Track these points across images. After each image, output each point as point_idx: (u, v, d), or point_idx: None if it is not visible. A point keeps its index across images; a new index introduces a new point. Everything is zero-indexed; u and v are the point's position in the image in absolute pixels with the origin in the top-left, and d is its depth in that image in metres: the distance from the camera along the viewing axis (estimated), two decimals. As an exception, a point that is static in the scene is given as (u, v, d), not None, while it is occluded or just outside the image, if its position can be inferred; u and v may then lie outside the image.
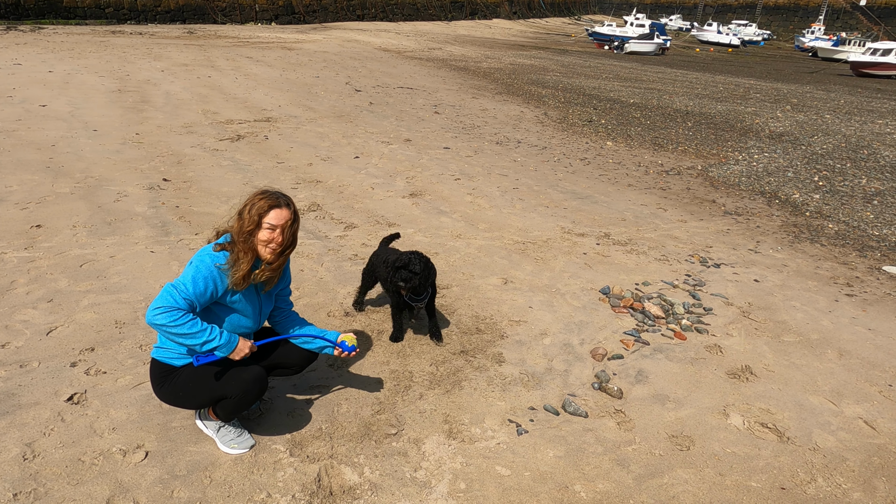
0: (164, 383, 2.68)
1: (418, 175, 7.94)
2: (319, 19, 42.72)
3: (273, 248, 2.61)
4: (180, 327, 2.41)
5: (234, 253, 2.57)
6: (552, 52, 35.11)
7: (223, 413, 2.71)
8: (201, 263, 2.53)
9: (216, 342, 2.50)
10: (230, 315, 2.66)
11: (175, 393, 2.68)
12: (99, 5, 31.34)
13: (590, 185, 8.22)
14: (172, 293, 2.42)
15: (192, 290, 2.46)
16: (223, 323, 2.65)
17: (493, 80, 19.80)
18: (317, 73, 17.77)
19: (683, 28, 67.67)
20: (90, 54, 18.19)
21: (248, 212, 2.57)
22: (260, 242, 2.59)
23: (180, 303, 2.42)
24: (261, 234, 2.58)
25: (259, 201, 2.58)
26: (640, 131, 12.76)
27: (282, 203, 2.62)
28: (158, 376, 2.69)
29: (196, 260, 2.55)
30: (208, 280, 2.51)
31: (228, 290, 2.60)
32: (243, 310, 2.70)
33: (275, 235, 2.59)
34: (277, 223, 2.58)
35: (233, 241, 2.60)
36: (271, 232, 2.58)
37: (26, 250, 4.84)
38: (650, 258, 5.65)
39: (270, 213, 2.57)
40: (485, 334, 4.04)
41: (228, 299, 2.63)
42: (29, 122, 9.26)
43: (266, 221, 2.56)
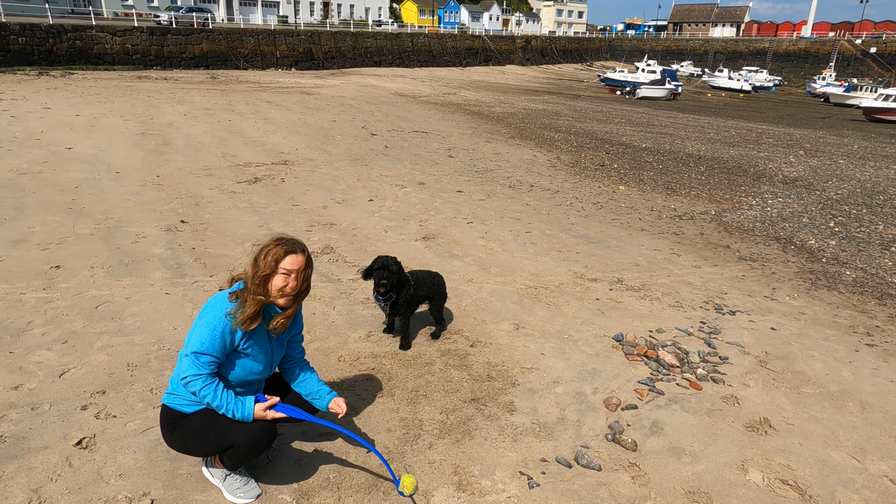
0: (174, 430, 2.67)
1: (431, 218, 8.01)
2: (338, 65, 44.00)
3: (287, 293, 2.63)
4: (200, 390, 2.53)
5: (243, 297, 2.61)
6: (565, 97, 35.72)
7: (230, 462, 2.69)
8: (213, 317, 2.57)
9: (235, 413, 2.58)
10: (242, 360, 2.68)
11: (184, 440, 2.67)
12: (127, 52, 32.59)
13: (602, 230, 8.23)
14: (196, 359, 2.52)
15: (209, 347, 2.53)
16: (235, 368, 2.66)
17: (507, 125, 20.12)
18: (334, 117, 18.19)
19: (694, 74, 68.67)
20: (116, 98, 18.82)
21: (263, 258, 2.60)
22: (275, 288, 2.61)
23: (206, 368, 2.53)
24: (276, 280, 2.60)
25: (275, 247, 2.61)
26: (653, 175, 12.82)
27: (297, 249, 2.65)
28: (168, 423, 2.68)
29: (207, 314, 2.59)
30: (226, 333, 2.57)
31: (242, 337, 2.62)
32: (255, 356, 2.71)
33: (289, 280, 2.62)
34: (293, 268, 2.61)
35: (245, 288, 2.63)
36: (286, 277, 2.61)
37: (44, 291, 4.91)
38: (664, 304, 5.59)
39: (286, 258, 2.60)
40: (496, 381, 3.99)
41: (241, 346, 2.65)
42: (54, 164, 9.54)
43: (282, 267, 2.59)
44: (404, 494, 2.72)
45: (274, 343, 2.81)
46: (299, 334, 2.99)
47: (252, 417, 2.60)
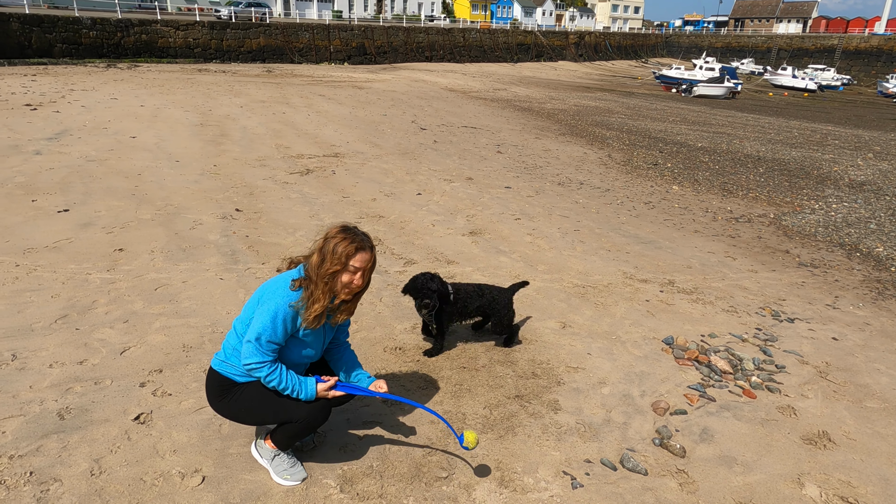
0: (224, 397, 2.73)
1: (479, 214, 7.99)
2: (389, 60, 44.39)
3: (353, 289, 2.63)
4: (267, 377, 2.57)
5: (308, 290, 2.58)
6: (617, 94, 34.99)
7: (282, 439, 2.76)
8: (276, 305, 2.56)
9: (300, 395, 2.64)
10: (298, 345, 2.71)
11: (236, 410, 2.74)
12: (188, 45, 33.78)
13: (654, 230, 8.02)
14: (258, 345, 2.53)
15: (272, 335, 2.55)
16: (290, 351, 2.69)
17: (557, 121, 19.87)
18: (384, 111, 18.37)
19: (756, 72, 65.99)
20: (178, 90, 19.53)
21: (332, 251, 2.55)
22: (340, 284, 2.60)
23: (267, 356, 2.56)
24: (343, 277, 2.58)
25: (344, 242, 2.56)
26: (709, 176, 12.41)
27: (366, 246, 2.62)
28: (217, 388, 2.74)
29: (270, 300, 2.58)
30: (287, 321, 2.57)
31: (301, 327, 2.65)
32: (312, 342, 2.75)
33: (355, 278, 2.60)
34: (361, 266, 2.59)
35: (308, 278, 2.60)
36: (352, 275, 2.59)
37: (108, 272, 5.15)
38: (717, 309, 5.41)
39: (357, 255, 2.57)
40: (541, 379, 3.95)
41: (301, 333, 2.68)
42: (120, 152, 9.98)
43: (351, 264, 2.57)
44: (469, 448, 2.83)
45: (327, 328, 2.84)
46: (348, 320, 3.01)
47: (315, 396, 2.65)
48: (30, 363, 3.65)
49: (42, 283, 4.84)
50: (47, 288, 4.74)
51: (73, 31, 28.76)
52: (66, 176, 8.21)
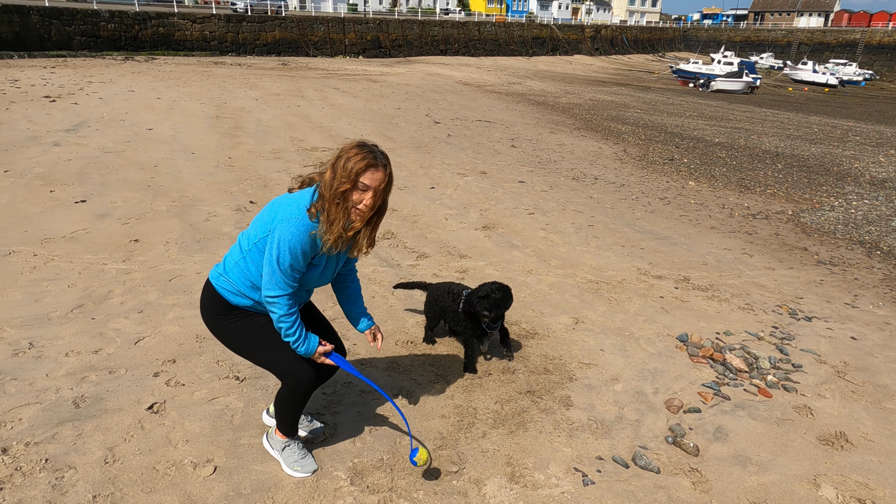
0: (218, 319, 2.65)
1: (492, 208, 7.96)
2: (404, 53, 44.31)
3: (361, 209, 2.41)
4: (282, 315, 2.48)
5: (325, 213, 2.40)
6: (633, 88, 34.64)
7: (282, 419, 2.78)
8: (296, 233, 2.38)
9: (299, 347, 2.56)
10: (312, 270, 2.55)
11: (226, 335, 2.68)
12: (205, 38, 33.97)
13: (669, 226, 7.94)
14: (282, 274, 2.41)
15: (293, 262, 2.41)
16: (304, 278, 2.56)
17: (572, 116, 19.72)
18: (398, 104, 18.35)
19: (775, 66, 64.94)
20: (194, 83, 19.66)
21: (342, 166, 2.36)
22: (349, 202, 2.40)
23: (289, 288, 2.46)
24: (353, 195, 2.39)
25: (355, 157, 2.36)
26: (725, 172, 12.26)
27: (379, 163, 2.39)
28: (212, 306, 2.65)
29: (289, 227, 2.38)
30: (307, 249, 2.43)
31: (320, 252, 2.50)
32: (324, 267, 2.59)
33: (364, 197, 2.39)
34: (371, 185, 2.38)
35: (322, 198, 2.41)
36: (362, 193, 2.39)
37: (124, 262, 5.20)
38: (733, 306, 5.34)
39: (367, 173, 2.36)
40: (553, 375, 3.92)
41: (315, 260, 2.54)
42: (136, 143, 10.07)
43: (361, 181, 2.36)
44: (417, 465, 2.70)
45: (342, 255, 2.68)
46: None
47: (313, 354, 2.59)
48: (46, 352, 3.69)
49: (59, 272, 4.90)
50: (64, 278, 4.80)
51: (91, 24, 29.04)
52: (83, 167, 8.30)
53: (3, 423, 3.01)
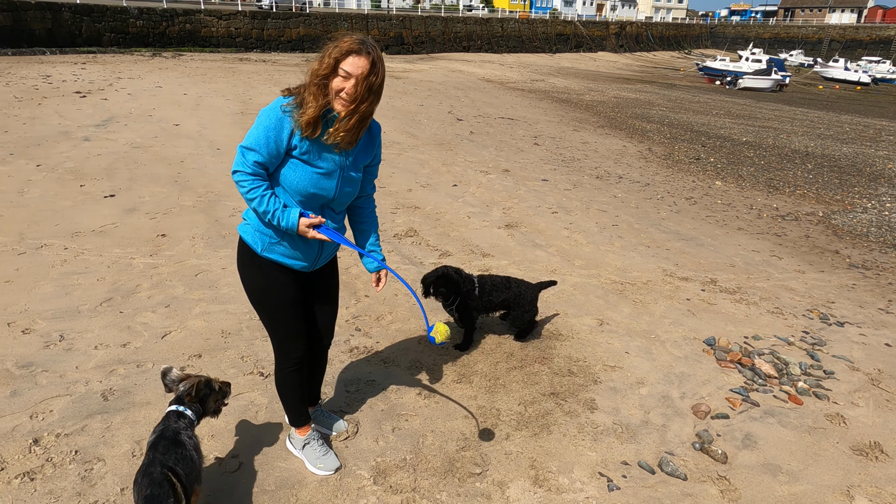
0: (247, 268, 2.59)
1: (515, 206, 7.90)
2: (427, 50, 44.28)
3: (343, 98, 2.28)
4: (247, 192, 2.33)
5: (300, 95, 2.32)
6: (659, 86, 34.17)
7: (281, 400, 2.88)
8: (266, 110, 2.34)
9: (281, 223, 2.37)
10: (303, 167, 2.38)
11: (249, 289, 2.64)
12: (230, 35, 34.32)
13: (695, 227, 7.81)
14: (242, 155, 2.32)
15: (256, 143, 2.29)
16: (296, 173, 2.38)
17: (596, 113, 19.51)
18: (421, 101, 18.34)
19: (805, 64, 63.50)
20: (219, 79, 19.87)
21: (328, 54, 2.28)
22: (332, 90, 2.29)
23: (249, 167, 2.30)
24: (334, 82, 2.28)
25: (343, 43, 2.27)
26: (753, 172, 12.01)
27: (363, 50, 2.26)
28: (241, 255, 2.61)
29: (261, 115, 2.35)
30: (276, 127, 2.30)
31: (299, 139, 2.33)
32: (320, 165, 2.40)
33: (347, 85, 2.26)
34: (353, 72, 2.24)
35: (305, 84, 2.34)
36: (344, 80, 2.26)
37: (151, 257, 5.27)
38: (762, 310, 5.23)
39: (347, 59, 2.25)
40: (577, 377, 3.88)
41: (299, 149, 2.35)
42: (164, 139, 10.21)
43: (341, 68, 2.25)
44: (435, 341, 2.63)
45: (344, 160, 2.46)
46: (375, 165, 2.68)
47: (296, 228, 2.37)
48: (76, 344, 3.76)
49: (89, 266, 4.98)
50: (93, 271, 4.88)
51: (120, 21, 29.51)
52: (112, 162, 8.44)
53: (35, 413, 3.07)
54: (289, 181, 2.39)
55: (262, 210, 2.35)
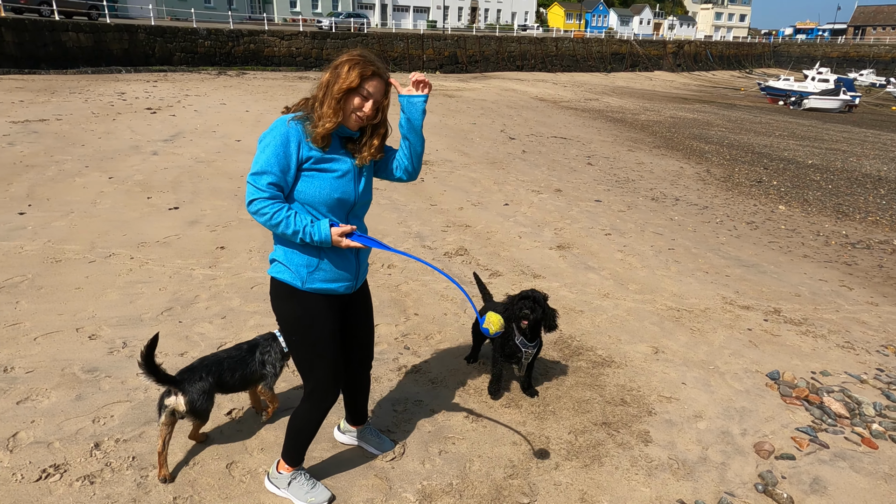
0: (286, 304, 2.48)
1: (567, 227, 7.79)
2: (480, 69, 44.64)
3: (360, 116, 2.34)
4: (271, 218, 2.24)
5: (317, 105, 2.32)
6: (718, 105, 33.25)
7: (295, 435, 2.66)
8: (269, 132, 2.30)
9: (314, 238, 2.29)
10: (321, 176, 2.33)
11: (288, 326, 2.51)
12: (291, 54, 35.58)
13: (757, 253, 7.48)
14: (254, 184, 2.25)
15: (266, 164, 2.24)
16: (315, 184, 2.32)
17: (651, 133, 19.13)
18: (473, 120, 18.44)
19: (877, 84, 60.52)
20: (280, 97, 20.57)
21: (347, 70, 2.28)
22: (350, 107, 2.31)
23: (265, 191, 2.23)
24: (355, 100, 2.31)
25: (362, 62, 2.30)
26: (820, 196, 11.47)
27: (384, 75, 2.35)
28: (280, 293, 2.48)
29: (265, 136, 2.31)
30: (283, 143, 2.26)
31: (308, 150, 2.30)
32: (337, 171, 2.37)
33: (367, 105, 2.32)
34: (374, 94, 2.32)
35: (316, 97, 2.35)
36: (363, 101, 2.31)
37: (210, 268, 5.44)
38: (830, 343, 4.93)
39: (373, 80, 2.31)
40: (630, 407, 3.74)
41: (314, 160, 2.32)
42: (226, 154, 10.61)
43: (366, 87, 2.30)
44: (489, 333, 2.54)
45: (361, 171, 2.46)
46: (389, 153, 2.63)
47: (330, 240, 2.30)
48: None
49: (152, 275, 5.19)
50: (156, 281, 5.08)
51: (190, 41, 31.07)
52: (177, 176, 8.82)
53: (97, 418, 3.18)
54: (309, 194, 2.33)
55: (291, 231, 2.26)
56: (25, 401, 3.28)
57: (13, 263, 5.16)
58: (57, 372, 3.58)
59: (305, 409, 2.62)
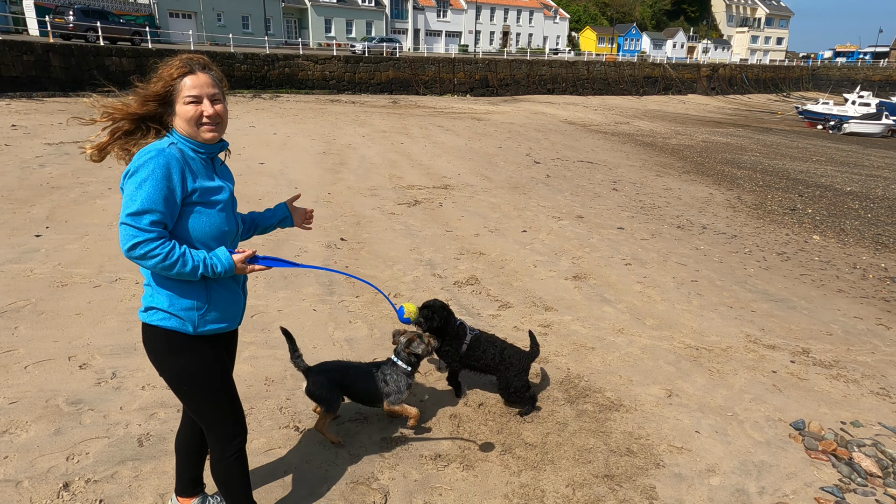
0: (176, 356, 2.20)
1: (585, 256, 7.53)
2: (511, 92, 44.76)
3: (206, 121, 2.15)
4: (163, 260, 2.00)
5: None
6: (752, 130, 32.51)
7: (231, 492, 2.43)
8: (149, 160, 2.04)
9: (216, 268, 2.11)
10: (209, 213, 2.15)
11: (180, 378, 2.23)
12: (325, 78, 36.27)
13: (787, 286, 7.10)
14: (134, 224, 1.99)
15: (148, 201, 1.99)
16: (202, 221, 2.14)
17: (681, 158, 18.72)
18: (500, 143, 18.34)
19: (922, 107, 58.41)
20: (309, 120, 20.88)
21: (156, 79, 2.15)
22: (186, 120, 2.13)
23: (149, 231, 2.00)
24: (184, 110, 2.12)
25: (172, 67, 2.14)
26: (858, 225, 10.94)
27: (195, 68, 2.15)
28: (166, 343, 2.20)
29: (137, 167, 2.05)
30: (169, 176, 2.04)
31: (192, 181, 2.11)
32: (220, 199, 2.19)
33: (200, 107, 2.13)
34: (200, 93, 2.13)
35: None
36: (197, 105, 2.12)
37: (214, 295, 5.37)
38: (864, 390, 4.56)
39: (187, 79, 2.12)
40: (637, 458, 3.47)
41: (198, 195, 2.13)
42: (247, 177, 10.69)
43: (186, 95, 2.12)
44: (410, 321, 2.99)
45: (226, 183, 2.30)
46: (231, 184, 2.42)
47: (234, 267, 2.14)
48: (126, 383, 3.81)
49: (155, 301, 5.13)
50: (158, 307, 5.02)
51: (228, 65, 31.95)
52: (196, 198, 8.87)
53: (72, 455, 3.08)
54: (199, 231, 2.13)
55: (190, 268, 2.05)
56: (4, 434, 3.21)
57: (20, 287, 5.18)
58: (41, 403, 3.50)
59: (217, 460, 2.38)
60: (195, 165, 2.14)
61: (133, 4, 41.92)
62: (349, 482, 3.06)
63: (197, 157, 2.17)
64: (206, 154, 2.20)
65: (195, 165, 2.14)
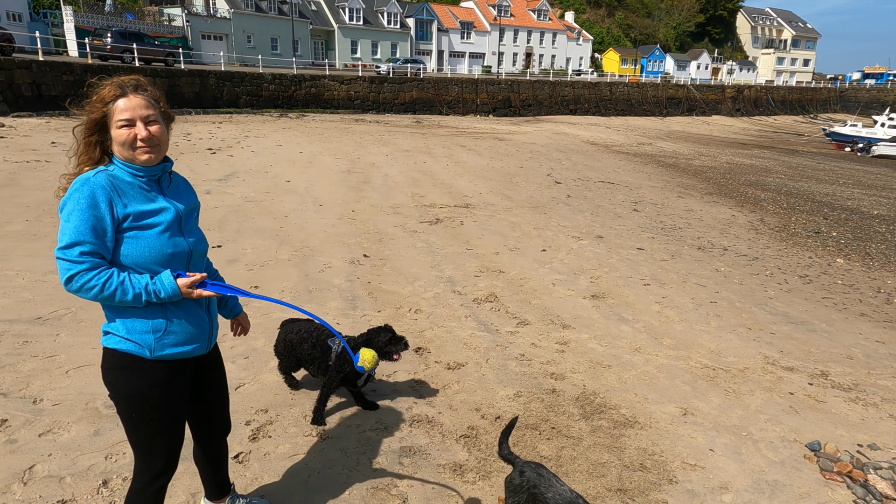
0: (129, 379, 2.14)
1: (604, 276, 7.61)
2: (534, 112, 45.08)
3: (141, 145, 2.08)
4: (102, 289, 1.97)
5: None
6: (778, 151, 32.23)
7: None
8: (73, 192, 2.00)
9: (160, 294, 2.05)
10: (147, 235, 2.07)
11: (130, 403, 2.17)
12: (350, 98, 37.01)
13: (808, 309, 7.08)
14: (66, 258, 1.96)
15: (76, 233, 1.95)
16: (144, 244, 2.07)
17: (704, 179, 18.67)
18: (521, 163, 18.52)
19: (955, 130, 57.14)
20: (334, 139, 21.34)
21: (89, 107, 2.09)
22: (119, 144, 2.07)
23: (83, 262, 1.96)
24: (118, 135, 2.07)
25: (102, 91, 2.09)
26: (884, 249, 10.81)
27: (127, 90, 2.08)
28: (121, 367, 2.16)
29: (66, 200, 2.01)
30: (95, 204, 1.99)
31: (122, 207, 2.04)
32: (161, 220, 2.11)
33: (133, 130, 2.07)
34: (132, 116, 2.06)
35: None
36: (129, 128, 2.06)
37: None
38: (883, 413, 4.55)
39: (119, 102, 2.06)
40: (650, 473, 3.54)
41: (131, 220, 2.05)
42: (274, 194, 11.02)
43: (118, 119, 2.06)
44: (364, 370, 2.73)
45: (171, 202, 2.19)
46: (196, 210, 2.36)
47: (179, 292, 2.07)
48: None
49: (186, 312, 5.35)
50: (189, 318, 5.23)
51: (256, 86, 32.85)
52: (225, 214, 9.19)
53: (110, 454, 3.27)
54: (137, 256, 2.06)
55: (132, 296, 2.01)
56: (47, 433, 3.41)
57: (61, 296, 5.45)
58: (81, 405, 3.71)
59: (138, 488, 2.29)
60: (131, 190, 2.08)
61: (168, 27, 43.41)
62: (370, 487, 3.19)
63: (136, 180, 2.10)
64: (145, 177, 2.13)
65: (131, 190, 2.08)
